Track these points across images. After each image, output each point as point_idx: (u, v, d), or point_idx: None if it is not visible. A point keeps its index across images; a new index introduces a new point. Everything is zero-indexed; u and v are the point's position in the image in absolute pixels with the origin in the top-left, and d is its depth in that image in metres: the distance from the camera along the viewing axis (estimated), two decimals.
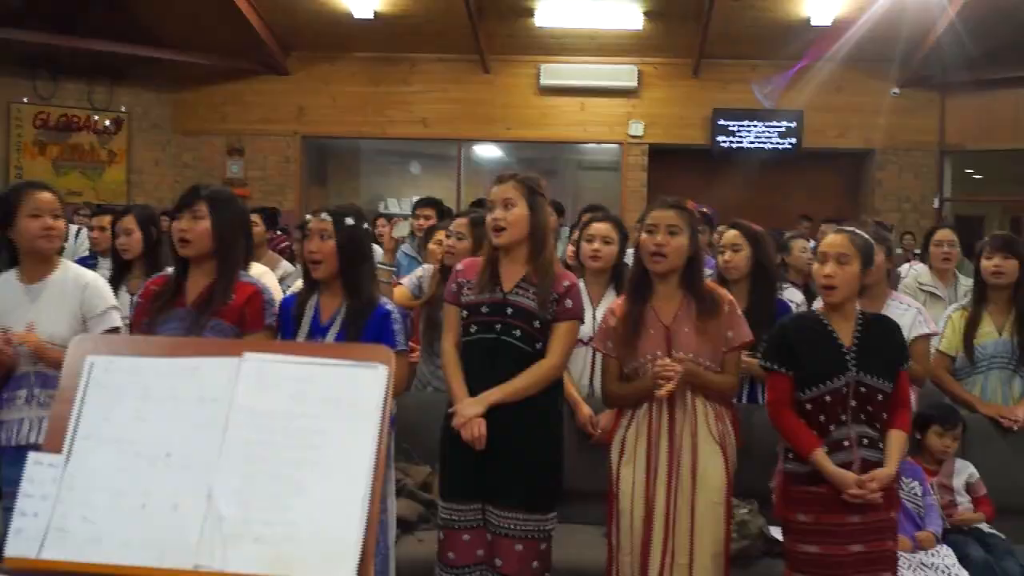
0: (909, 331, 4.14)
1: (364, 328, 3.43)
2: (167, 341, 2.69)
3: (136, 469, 2.00)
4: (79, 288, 3.67)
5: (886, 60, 12.37)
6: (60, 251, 3.83)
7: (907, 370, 3.58)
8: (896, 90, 12.95)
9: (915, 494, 4.10)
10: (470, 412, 3.44)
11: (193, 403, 2.05)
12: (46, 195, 3.70)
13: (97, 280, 3.76)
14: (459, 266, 3.79)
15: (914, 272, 6.25)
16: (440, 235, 5.29)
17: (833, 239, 3.56)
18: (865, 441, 3.42)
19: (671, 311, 3.56)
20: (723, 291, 3.69)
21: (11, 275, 3.76)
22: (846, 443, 3.42)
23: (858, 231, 3.62)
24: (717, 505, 3.50)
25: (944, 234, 5.88)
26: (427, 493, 4.39)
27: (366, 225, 3.59)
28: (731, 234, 4.61)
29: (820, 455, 3.41)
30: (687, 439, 3.49)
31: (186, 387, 2.06)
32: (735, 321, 3.58)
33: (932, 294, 5.75)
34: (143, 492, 1.98)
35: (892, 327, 3.60)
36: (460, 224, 4.83)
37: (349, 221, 3.49)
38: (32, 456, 2.01)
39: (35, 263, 3.72)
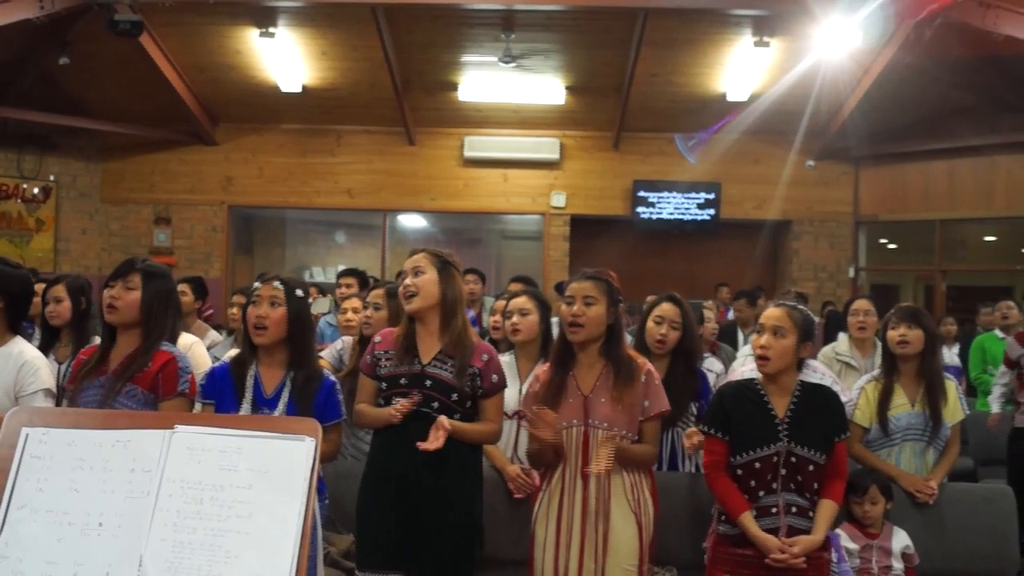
0: None
1: (314, 400, 3.46)
2: (101, 413, 2.75)
3: (69, 538, 2.07)
4: (16, 365, 3.70)
5: (801, 134, 12.69)
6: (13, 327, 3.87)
7: (844, 440, 3.66)
8: (811, 163, 13.28)
9: (831, 562, 4.03)
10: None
11: (125, 474, 2.13)
12: None
13: (36, 360, 3.77)
14: (377, 337, 3.85)
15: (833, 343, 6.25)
16: (354, 303, 5.35)
17: (771, 312, 3.67)
18: (793, 509, 3.55)
19: (591, 380, 3.67)
20: (642, 360, 3.78)
21: None
22: (774, 510, 3.55)
23: (798, 307, 3.72)
24: (629, 571, 3.58)
25: (860, 304, 5.94)
26: (350, 562, 4.43)
27: (310, 300, 3.66)
28: (673, 310, 4.63)
29: (747, 518, 3.54)
30: (600, 504, 3.58)
31: (119, 458, 2.14)
32: (652, 390, 3.67)
33: (847, 364, 5.81)
34: (75, 561, 2.05)
35: (829, 399, 3.69)
36: (376, 295, 4.85)
37: (299, 293, 3.56)
38: None
39: None
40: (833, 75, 11.00)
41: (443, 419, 3.53)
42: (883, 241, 14.47)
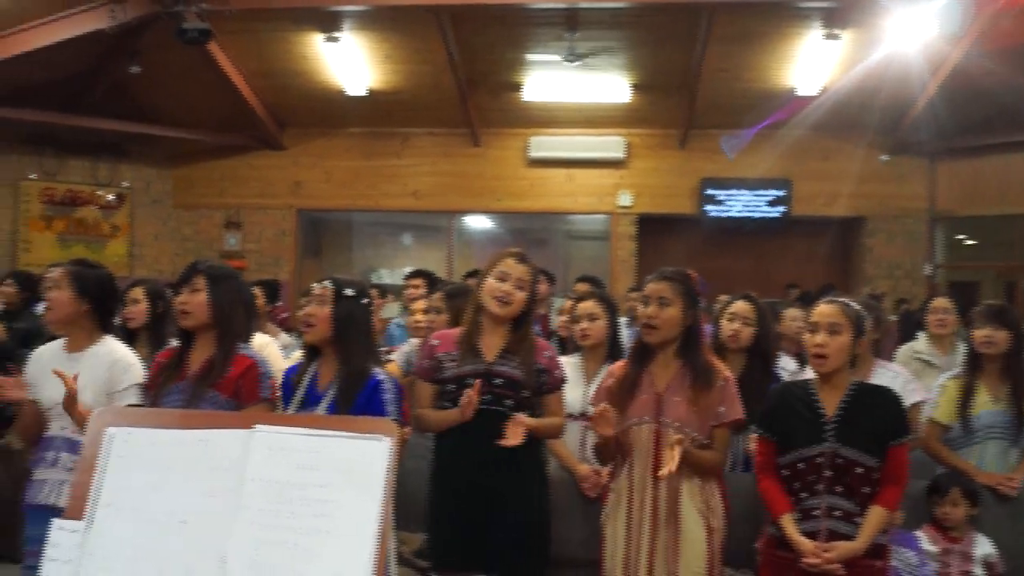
0: None
1: (355, 398, 3.41)
2: (183, 413, 2.78)
3: (153, 536, 2.09)
4: (109, 362, 3.76)
5: (873, 128, 12.46)
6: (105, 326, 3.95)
7: (904, 444, 3.52)
8: (885, 157, 12.98)
9: (912, 564, 4.03)
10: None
11: (207, 472, 2.15)
12: None
13: (127, 357, 3.82)
14: (433, 340, 3.84)
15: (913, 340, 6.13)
16: (422, 305, 5.33)
17: (825, 309, 3.59)
18: (837, 513, 3.44)
19: (666, 379, 3.61)
20: (722, 366, 3.71)
21: (59, 344, 3.90)
22: (816, 512, 3.46)
23: (850, 302, 3.65)
24: (698, 573, 3.51)
25: (939, 302, 5.84)
26: (422, 560, 4.44)
27: (366, 301, 3.59)
28: (747, 307, 4.58)
29: (786, 520, 3.47)
30: (669, 505, 3.52)
31: (201, 457, 2.16)
32: (728, 398, 3.59)
33: (927, 363, 5.70)
34: (160, 558, 2.07)
35: (887, 400, 3.58)
36: (436, 299, 4.84)
37: (348, 292, 3.51)
38: (55, 522, 2.10)
39: (78, 334, 3.85)
40: (906, 67, 10.74)
41: (521, 416, 3.55)
42: (961, 237, 14.11)
